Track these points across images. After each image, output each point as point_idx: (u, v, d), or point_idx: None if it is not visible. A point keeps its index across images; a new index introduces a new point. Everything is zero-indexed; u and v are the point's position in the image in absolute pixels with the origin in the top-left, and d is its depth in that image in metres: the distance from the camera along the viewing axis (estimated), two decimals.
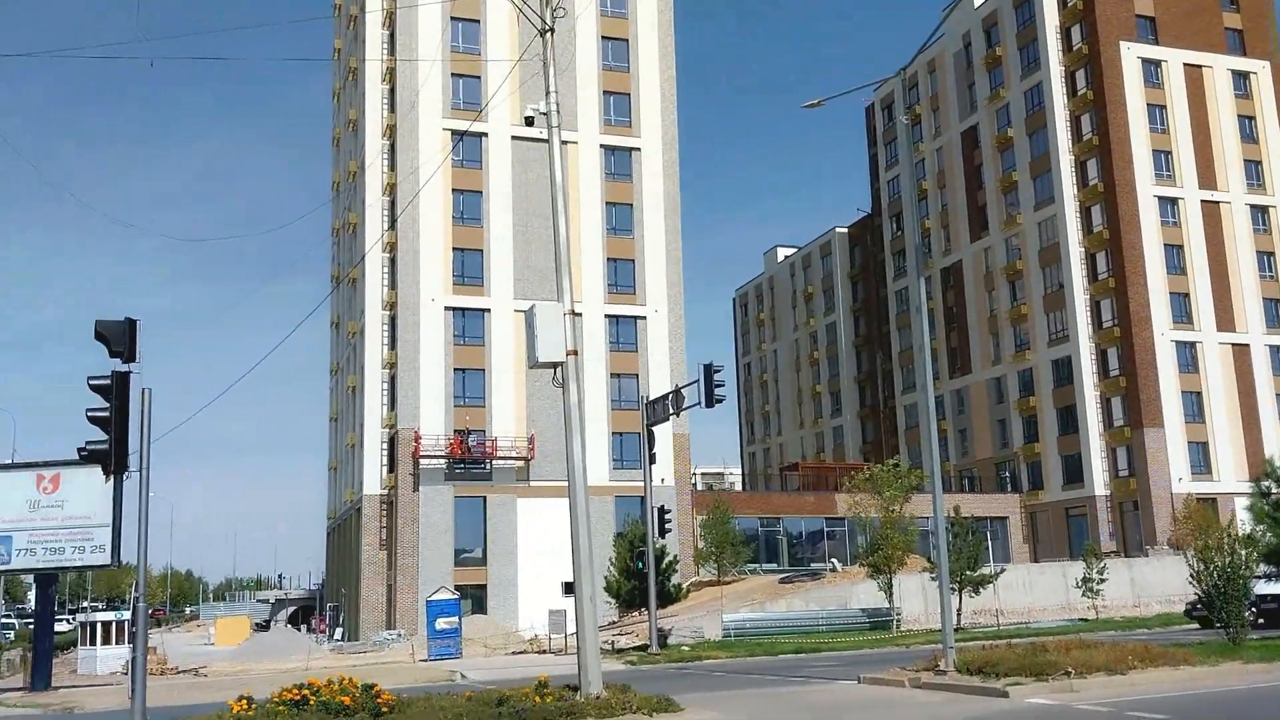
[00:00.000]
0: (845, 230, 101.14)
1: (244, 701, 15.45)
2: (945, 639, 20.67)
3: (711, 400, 32.20)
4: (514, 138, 56.25)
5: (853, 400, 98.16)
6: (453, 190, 55.90)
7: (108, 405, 16.09)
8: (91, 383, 16.20)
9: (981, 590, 41.69)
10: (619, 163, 59.35)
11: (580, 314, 18.27)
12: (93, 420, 16.17)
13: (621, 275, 58.25)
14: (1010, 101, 77.39)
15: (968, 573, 40.10)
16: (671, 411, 36.02)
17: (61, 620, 62.26)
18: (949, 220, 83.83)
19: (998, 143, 78.37)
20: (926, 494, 25.62)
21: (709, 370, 32.34)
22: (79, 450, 16.56)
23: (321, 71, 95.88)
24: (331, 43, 75.45)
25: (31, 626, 41.50)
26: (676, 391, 37.22)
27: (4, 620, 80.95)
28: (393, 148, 57.33)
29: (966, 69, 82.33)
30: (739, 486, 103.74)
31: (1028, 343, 75.30)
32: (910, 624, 42.32)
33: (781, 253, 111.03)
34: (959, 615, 38.32)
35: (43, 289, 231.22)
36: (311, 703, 15.22)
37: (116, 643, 39.84)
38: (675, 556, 47.92)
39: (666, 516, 38.02)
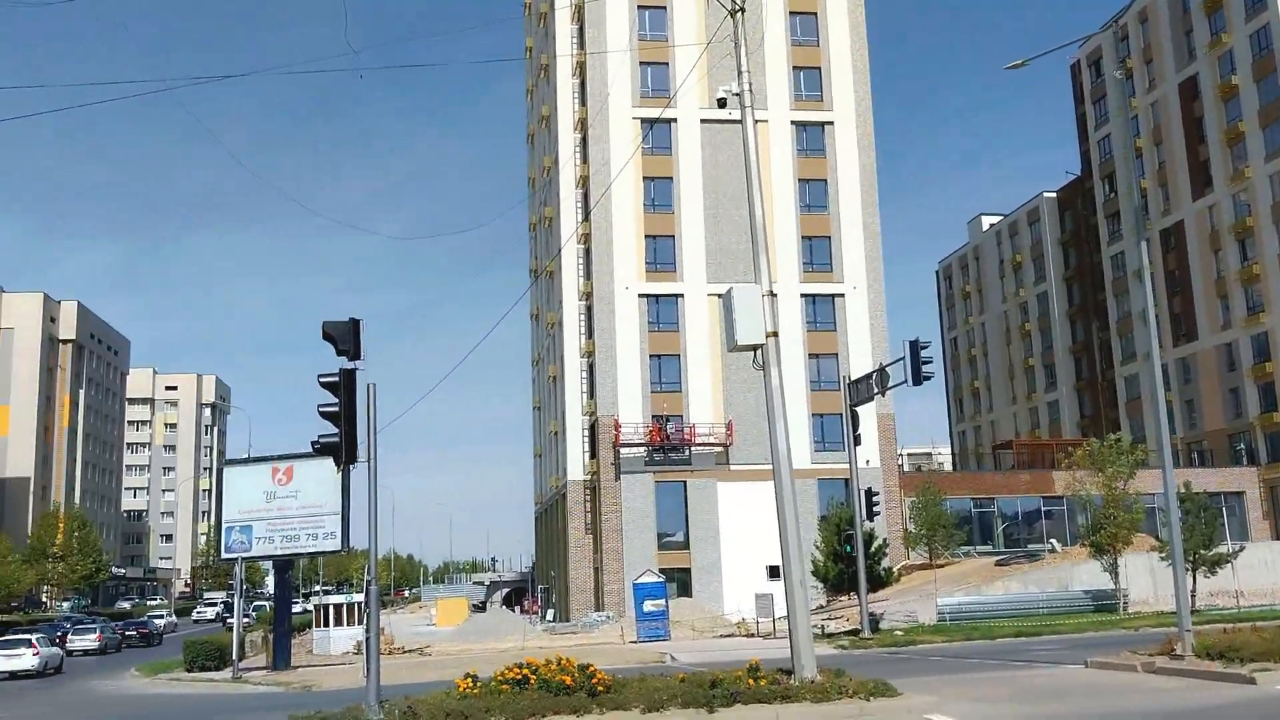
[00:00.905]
0: (1054, 194, 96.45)
1: (469, 680, 16.03)
2: (1181, 621, 19.45)
3: (919, 378, 31.22)
4: (703, 121, 56.20)
5: (1068, 373, 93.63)
6: (644, 178, 56.36)
7: (336, 401, 16.92)
8: (321, 379, 17.08)
9: (1218, 570, 38.99)
10: (811, 138, 58.43)
11: (776, 294, 17.94)
12: (324, 415, 17.02)
13: (817, 253, 57.36)
14: (1234, 47, 71.90)
15: (1202, 551, 37.57)
16: (876, 391, 35.19)
17: (295, 603, 66.66)
18: (1167, 178, 78.66)
19: (1220, 92, 72.95)
20: (1151, 469, 24.12)
21: (915, 347, 31.35)
22: (312, 443, 17.46)
23: (515, 72, 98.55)
24: (523, 42, 77.32)
25: (271, 610, 44.47)
26: (880, 370, 36.34)
27: (257, 603, 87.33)
28: (585, 140, 58.25)
29: (1183, 15, 76.91)
30: (948, 466, 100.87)
31: (1261, 305, 69.87)
32: (1138, 606, 40.18)
33: (986, 221, 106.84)
34: (1193, 597, 35.99)
35: (260, 293, 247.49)
36: (532, 681, 15.67)
37: (347, 624, 42.09)
38: (884, 540, 46.99)
39: (874, 499, 37.25)
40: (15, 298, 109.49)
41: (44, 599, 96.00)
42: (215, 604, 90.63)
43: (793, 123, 57.92)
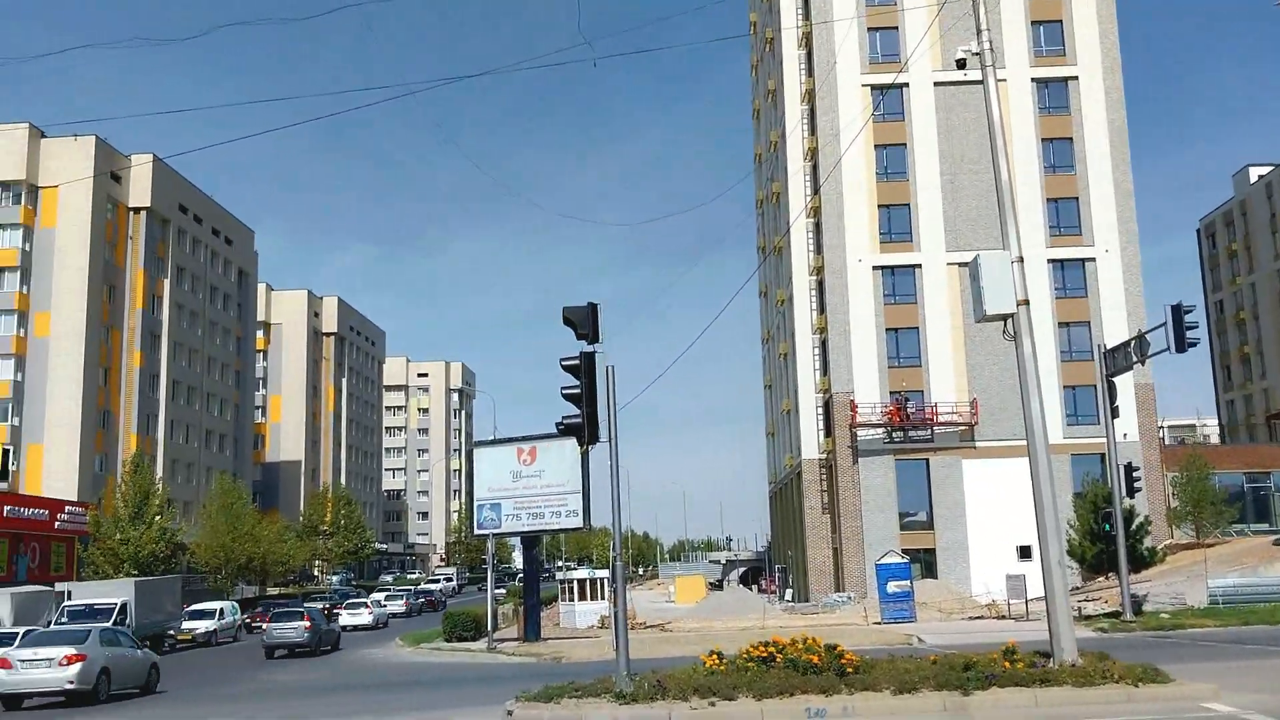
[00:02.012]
0: None
1: (715, 656, 16.13)
2: None
3: (1183, 344, 29.00)
4: (936, 84, 54.22)
5: None
6: (875, 146, 54.89)
7: (578, 383, 17.41)
8: (563, 363, 17.63)
9: None
10: (1054, 95, 55.32)
11: (1024, 260, 17.02)
12: (566, 397, 17.57)
13: (1064, 215, 54.33)
14: None
15: None
16: (1134, 359, 32.93)
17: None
18: None
19: None
20: None
21: (1178, 311, 29.11)
22: (556, 424, 18.06)
23: (739, 50, 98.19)
24: (747, 18, 76.84)
25: (520, 584, 46.35)
26: (1139, 337, 34.00)
27: (520, 576, 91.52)
28: (812, 112, 57.31)
29: None
30: (1215, 439, 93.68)
31: None
32: None
33: (1255, 173, 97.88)
34: None
35: (502, 282, 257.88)
36: (778, 660, 15.62)
37: (591, 599, 43.35)
38: (1145, 517, 44.19)
39: (1134, 474, 35.00)
40: (283, 295, 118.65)
41: (315, 573, 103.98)
42: (438, 580, 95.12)
43: (1033, 80, 55.04)
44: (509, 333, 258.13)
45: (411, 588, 75.14)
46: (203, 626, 45.21)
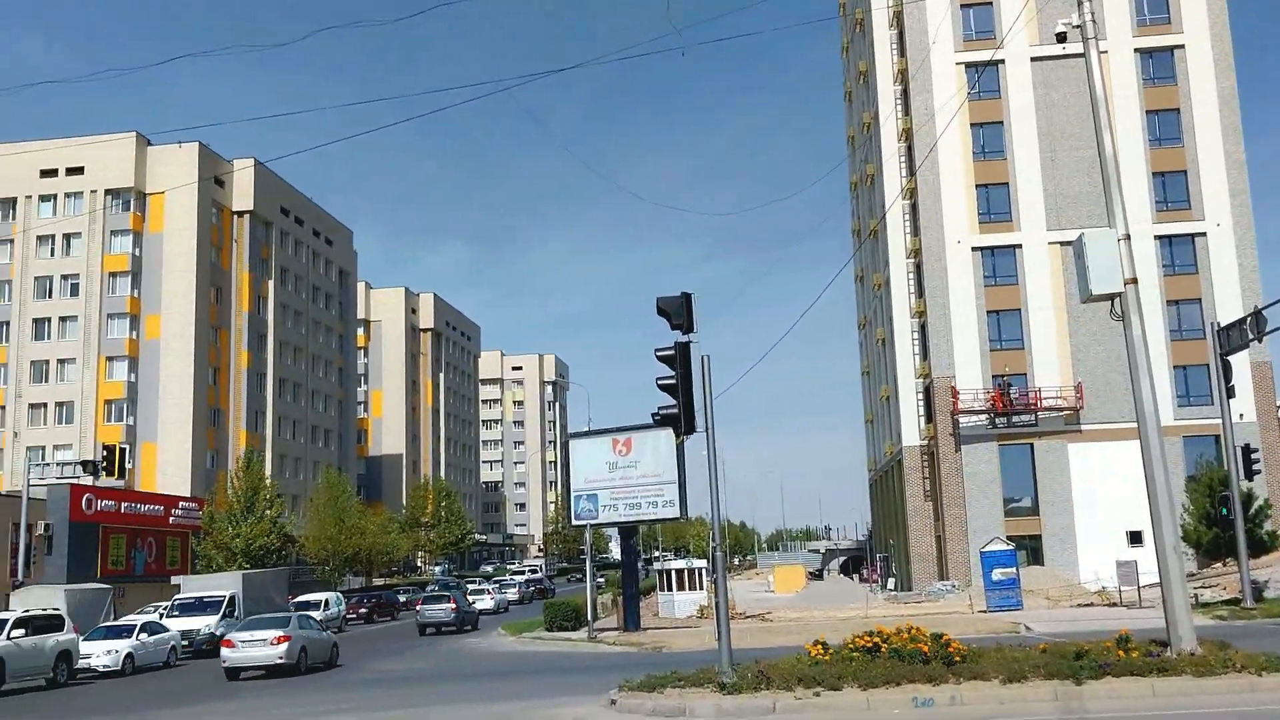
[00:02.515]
0: None
1: (819, 646, 15.97)
2: None
3: None
4: (1034, 59, 52.76)
5: None
6: (971, 125, 53.66)
7: (673, 373, 17.36)
8: (658, 353, 17.59)
9: None
10: (1158, 65, 53.39)
11: (1130, 237, 16.42)
12: (662, 387, 17.53)
13: (1172, 189, 52.45)
14: None
15: None
16: (1250, 337, 31.64)
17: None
18: None
19: None
20: None
21: None
22: (653, 415, 18.04)
23: (828, 33, 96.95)
24: (836, 1, 75.83)
25: (617, 574, 46.58)
26: (1256, 313, 32.60)
27: (616, 566, 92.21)
28: (905, 92, 56.30)
29: None
30: None
31: None
32: None
33: None
34: None
35: (594, 274, 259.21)
36: (883, 649, 15.42)
37: (689, 589, 43.31)
38: (1265, 501, 42.62)
39: (1252, 456, 33.72)
40: (381, 293, 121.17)
41: (418, 564, 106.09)
42: (522, 572, 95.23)
43: (1136, 50, 53.19)
44: (600, 325, 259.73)
45: (520, 578, 76.39)
46: None
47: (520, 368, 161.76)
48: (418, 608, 45.26)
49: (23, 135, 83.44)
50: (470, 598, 52.91)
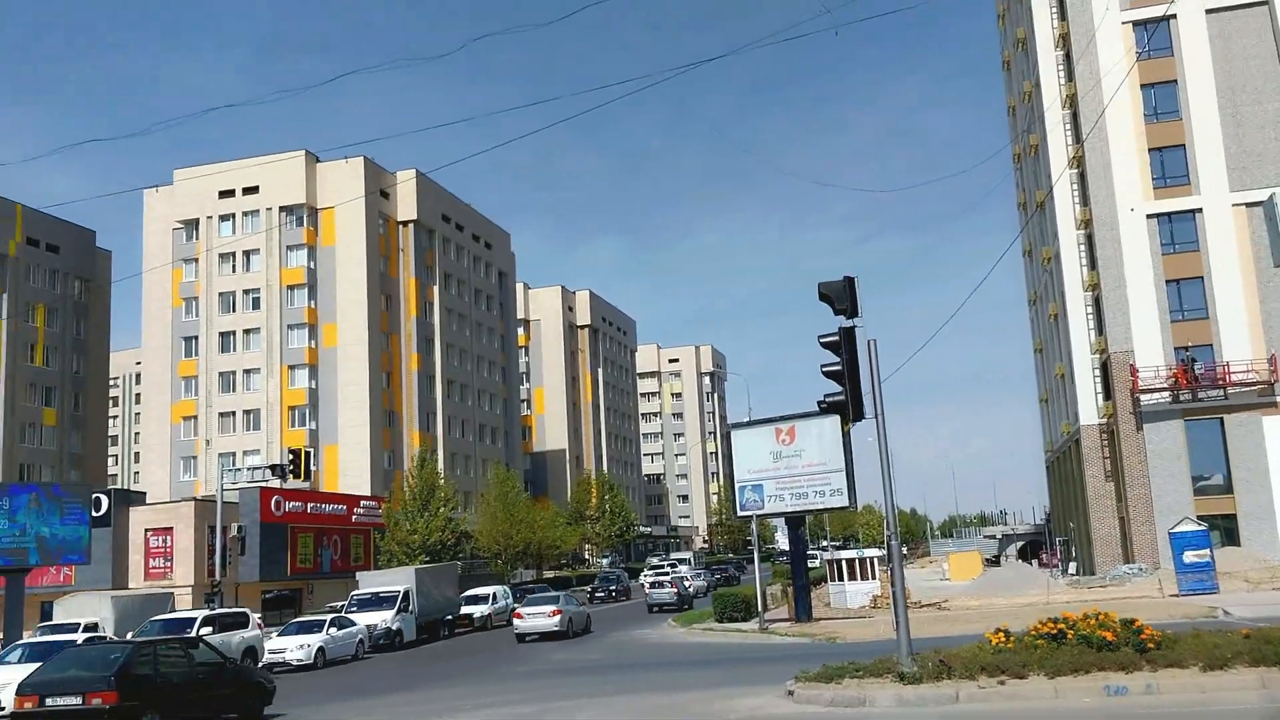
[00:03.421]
0: None
1: (1001, 634, 15.47)
2: None
3: None
4: (1209, 11, 49.78)
5: None
6: (1140, 86, 50.97)
7: (838, 359, 17.03)
8: (822, 340, 17.31)
9: None
10: None
11: None
12: (827, 374, 17.25)
13: None
14: None
15: None
16: None
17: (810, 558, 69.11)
18: None
19: None
20: None
21: None
22: (819, 402, 17.80)
23: (983, 1, 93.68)
24: None
25: (788, 564, 46.21)
26: None
27: (783, 556, 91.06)
28: (1068, 57, 53.91)
29: None
30: None
31: None
32: None
33: None
34: None
35: (750, 262, 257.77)
36: (1069, 636, 14.82)
37: (860, 578, 42.56)
38: None
39: None
40: (540, 292, 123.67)
41: (585, 556, 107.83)
42: (675, 564, 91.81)
43: None
44: (756, 313, 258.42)
45: (704, 569, 75.89)
46: (478, 611, 46.95)
47: (677, 359, 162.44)
48: (646, 590, 51.51)
49: (196, 156, 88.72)
50: (649, 588, 53.41)
